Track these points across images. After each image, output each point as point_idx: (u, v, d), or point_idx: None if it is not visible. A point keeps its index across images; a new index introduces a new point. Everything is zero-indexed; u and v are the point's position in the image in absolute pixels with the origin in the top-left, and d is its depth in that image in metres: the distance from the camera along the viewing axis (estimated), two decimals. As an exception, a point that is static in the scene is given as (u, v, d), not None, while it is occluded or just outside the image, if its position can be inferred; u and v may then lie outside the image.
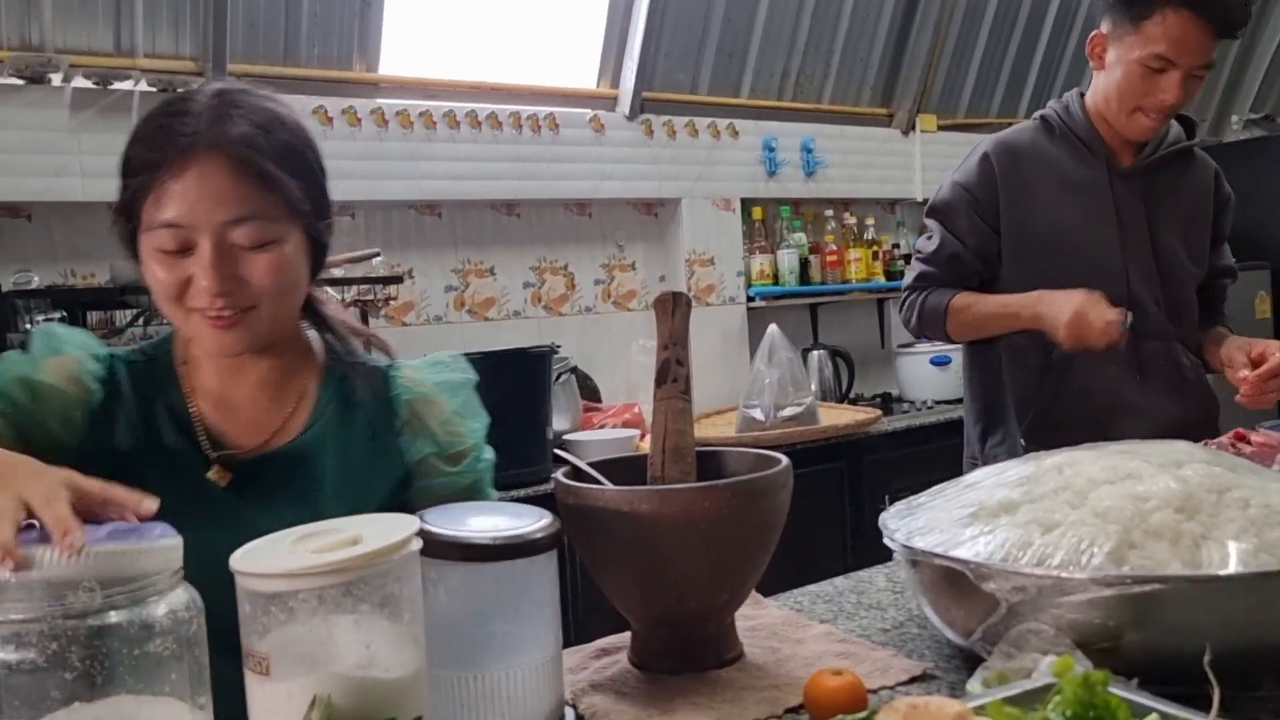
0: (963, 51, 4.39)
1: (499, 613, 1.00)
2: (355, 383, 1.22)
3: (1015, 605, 0.94)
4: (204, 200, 1.05)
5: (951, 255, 1.97)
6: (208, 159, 1.05)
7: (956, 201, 1.98)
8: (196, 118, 1.06)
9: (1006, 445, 1.97)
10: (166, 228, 1.05)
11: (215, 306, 1.07)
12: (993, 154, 1.95)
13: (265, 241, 1.08)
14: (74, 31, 2.71)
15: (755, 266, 3.88)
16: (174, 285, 1.07)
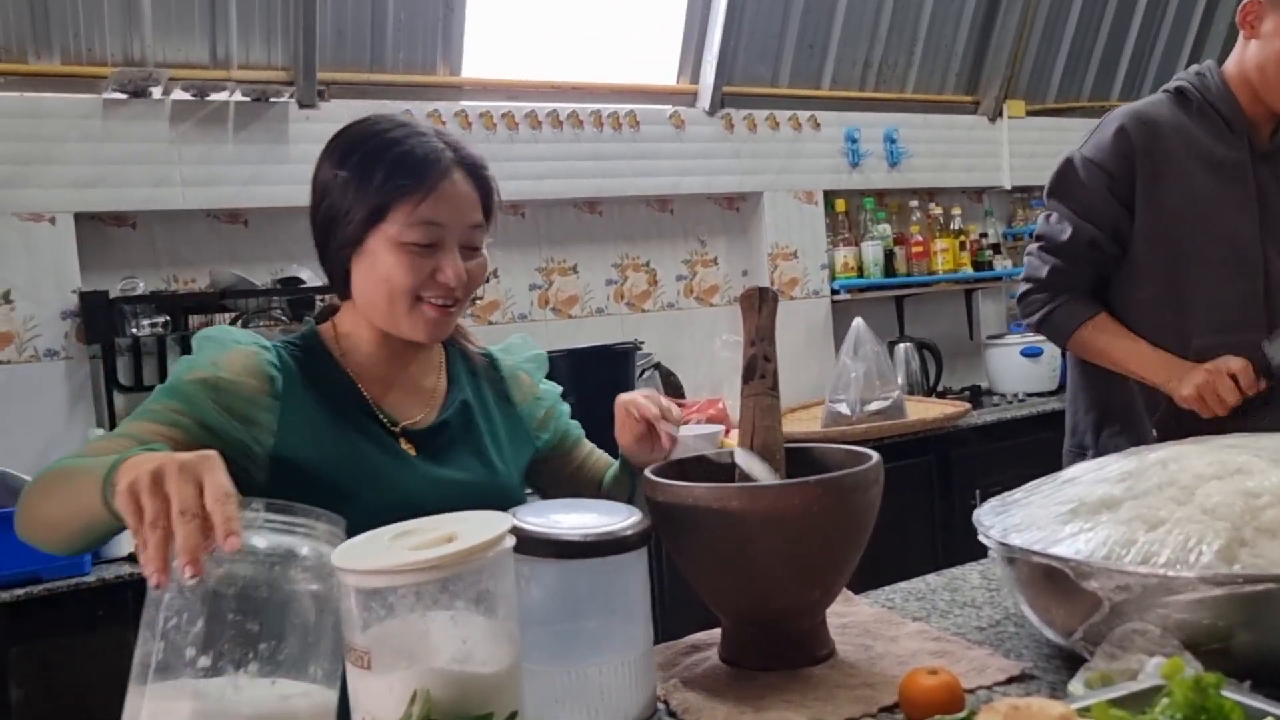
0: (1052, 33, 4.27)
1: (591, 609, 1.01)
2: (474, 364, 1.42)
3: (1119, 604, 0.92)
4: (459, 207, 1.24)
5: (1090, 242, 1.85)
6: (461, 175, 1.25)
7: (1091, 180, 1.85)
8: (439, 141, 1.25)
9: (1127, 435, 1.88)
10: (427, 224, 1.21)
11: (451, 295, 1.24)
12: (1129, 127, 1.82)
13: (479, 246, 1.29)
14: (172, 45, 2.81)
15: (839, 259, 3.84)
16: (417, 277, 1.22)
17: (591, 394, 2.74)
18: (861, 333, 3.18)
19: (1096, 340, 1.86)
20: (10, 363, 2.58)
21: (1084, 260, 1.86)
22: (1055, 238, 1.89)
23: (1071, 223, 1.86)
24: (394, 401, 1.31)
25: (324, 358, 1.29)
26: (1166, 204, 1.81)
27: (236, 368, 1.20)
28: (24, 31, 2.63)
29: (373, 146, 1.24)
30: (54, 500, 1.05)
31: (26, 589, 2.09)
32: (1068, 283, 1.89)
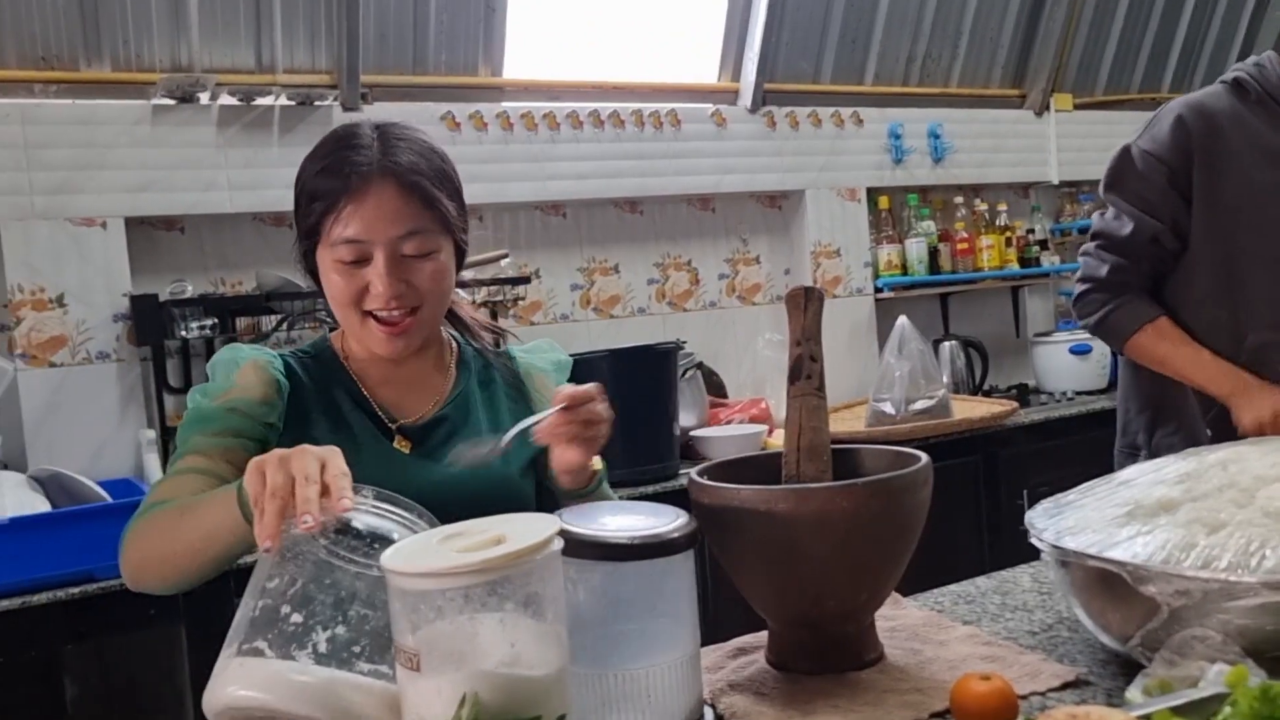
0: (1100, 24, 4.20)
1: (637, 611, 1.00)
2: (487, 362, 1.43)
3: (1178, 610, 0.90)
4: (380, 219, 1.23)
5: (1152, 238, 1.80)
6: (382, 183, 1.23)
7: (1150, 173, 1.80)
8: (369, 149, 1.25)
9: (1182, 435, 1.85)
10: (348, 243, 1.23)
11: (389, 308, 1.25)
12: (1188, 118, 1.78)
13: (428, 252, 1.27)
14: (219, 51, 2.84)
15: (883, 257, 3.81)
16: (352, 292, 1.25)
17: (633, 395, 2.75)
18: (906, 331, 3.15)
19: (1157, 347, 1.82)
20: (64, 365, 2.63)
21: (1145, 257, 1.82)
22: (1115, 234, 1.84)
23: (1133, 218, 1.81)
24: (396, 400, 1.35)
25: (331, 362, 1.35)
26: (1223, 198, 1.77)
27: (249, 380, 1.27)
28: (75, 40, 2.67)
29: (306, 169, 1.28)
30: (174, 536, 1.12)
31: (81, 587, 2.12)
32: (1128, 281, 1.84)
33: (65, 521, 2.16)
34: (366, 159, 1.23)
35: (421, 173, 1.26)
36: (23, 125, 2.60)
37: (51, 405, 2.60)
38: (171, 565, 1.14)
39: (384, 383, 1.35)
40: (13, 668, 2.08)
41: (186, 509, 1.13)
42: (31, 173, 2.60)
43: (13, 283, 2.58)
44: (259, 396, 1.26)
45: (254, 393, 1.26)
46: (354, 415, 1.32)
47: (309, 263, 1.31)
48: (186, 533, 1.11)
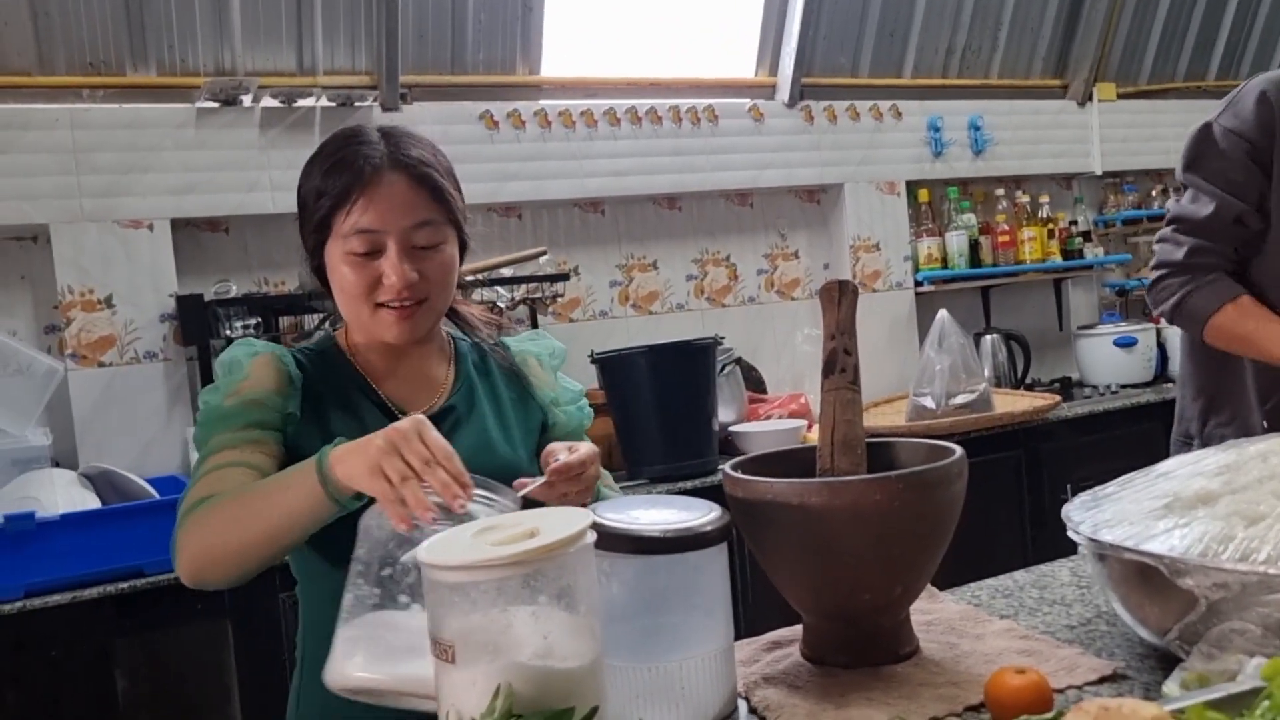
0: (1144, 12, 4.13)
1: (671, 605, 1.01)
2: (483, 353, 1.46)
3: (1216, 603, 0.88)
4: (393, 210, 1.25)
5: (1236, 219, 1.73)
6: (393, 175, 1.26)
7: (1233, 151, 1.73)
8: (377, 144, 1.27)
9: (1235, 426, 1.79)
10: (361, 233, 1.25)
11: (401, 297, 1.26)
12: (1272, 94, 1.71)
13: (436, 243, 1.29)
14: (261, 54, 2.89)
15: (923, 250, 3.78)
16: (365, 283, 1.26)
17: (672, 391, 2.76)
18: (946, 325, 3.12)
19: (1242, 324, 1.73)
20: (112, 365, 2.69)
21: (1228, 238, 1.75)
22: (1194, 216, 1.77)
23: (1215, 198, 1.75)
24: (402, 393, 1.36)
25: (336, 358, 1.37)
26: None
27: (262, 373, 1.28)
28: (121, 45, 2.73)
29: (314, 165, 1.30)
30: (245, 525, 1.14)
31: (130, 582, 2.17)
32: (1209, 263, 1.77)
33: (115, 518, 2.21)
34: (377, 153, 1.26)
35: (431, 165, 1.29)
36: (72, 130, 2.66)
37: (101, 404, 2.66)
38: (242, 554, 1.15)
39: (389, 376, 1.37)
40: (65, 660, 2.13)
41: (254, 497, 1.15)
42: (80, 176, 2.66)
43: (63, 284, 2.64)
44: (273, 388, 1.27)
45: (268, 384, 1.27)
46: (365, 408, 1.33)
47: (316, 260, 1.32)
48: (261, 519, 1.13)
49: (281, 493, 1.13)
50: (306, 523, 1.12)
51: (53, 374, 2.55)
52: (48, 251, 2.65)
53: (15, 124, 2.61)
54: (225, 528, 1.15)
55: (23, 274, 2.72)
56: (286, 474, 1.15)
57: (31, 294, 2.73)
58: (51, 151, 2.64)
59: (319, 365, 1.35)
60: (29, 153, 2.62)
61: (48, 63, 2.67)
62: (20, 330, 2.71)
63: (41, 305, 2.73)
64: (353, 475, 1.06)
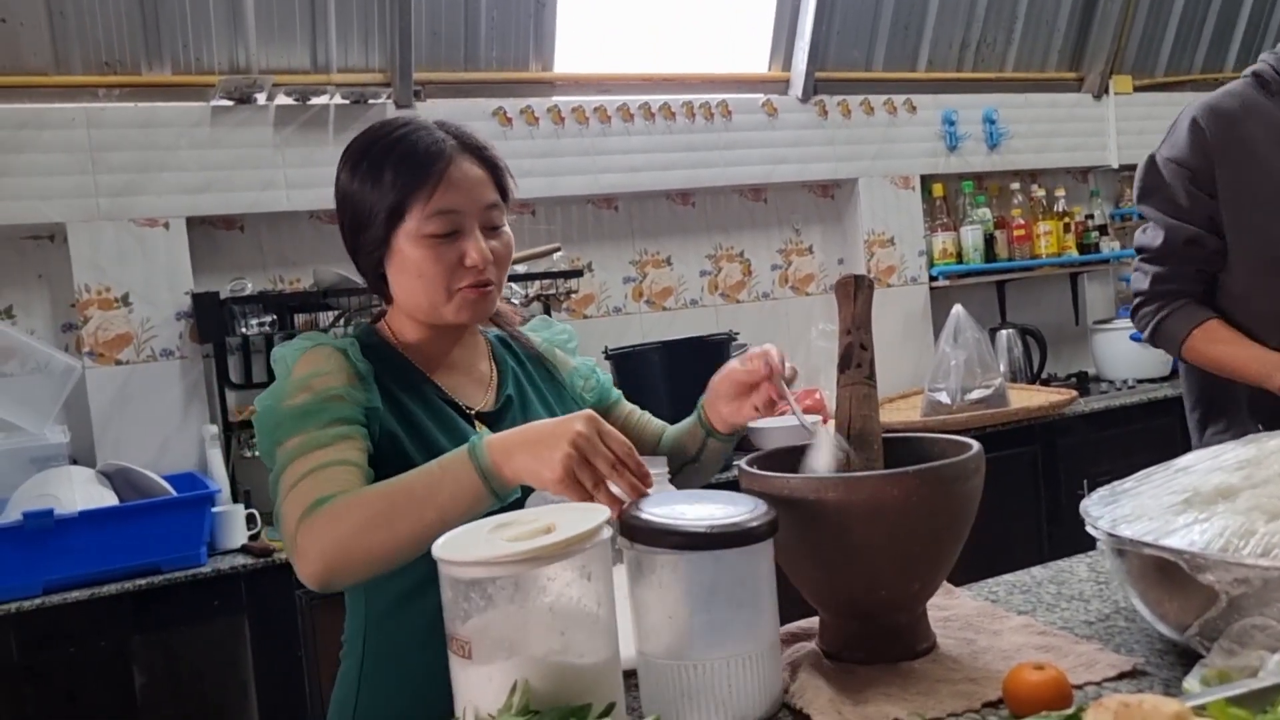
0: (1160, 4, 4.10)
1: (718, 602, 1.00)
2: (515, 344, 1.47)
3: (1237, 598, 0.88)
4: (472, 190, 1.28)
5: (1187, 240, 1.79)
6: (466, 160, 1.28)
7: (1171, 178, 1.81)
8: (438, 131, 1.29)
9: (1232, 434, 1.80)
10: (443, 214, 1.25)
11: (482, 277, 1.28)
12: (1202, 119, 1.78)
13: (501, 225, 1.32)
14: (275, 53, 2.89)
15: (937, 245, 3.76)
16: (446, 265, 1.26)
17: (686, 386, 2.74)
18: (961, 320, 3.11)
19: (1210, 349, 1.80)
20: (130, 363, 2.70)
21: (1185, 261, 1.81)
22: (1151, 245, 1.84)
23: (1163, 225, 1.81)
24: (457, 387, 1.36)
25: (388, 350, 1.34)
26: (1250, 192, 1.75)
27: (332, 366, 1.24)
28: (137, 44, 2.74)
29: (379, 150, 1.28)
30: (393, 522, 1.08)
31: (148, 579, 2.19)
32: (1172, 289, 1.83)
33: (132, 515, 2.23)
34: (446, 138, 1.28)
35: (493, 150, 1.33)
36: (88, 129, 2.67)
37: (118, 402, 2.67)
38: (390, 554, 1.09)
39: (439, 369, 1.35)
40: (84, 657, 2.14)
41: (398, 494, 1.09)
42: (96, 175, 2.68)
43: (80, 283, 2.66)
44: (347, 381, 1.23)
45: (340, 378, 1.23)
46: (436, 403, 1.32)
47: (378, 254, 1.28)
48: (411, 519, 1.08)
49: (433, 490, 1.09)
50: (464, 519, 1.07)
51: (70, 372, 2.56)
52: (64, 250, 2.67)
53: (32, 123, 2.62)
54: (367, 528, 1.09)
55: (40, 273, 2.74)
56: (431, 471, 1.10)
57: (49, 292, 2.75)
58: (68, 151, 2.65)
59: (375, 358, 1.31)
60: (45, 152, 2.63)
61: (64, 62, 2.69)
62: (38, 328, 2.73)
63: (59, 304, 2.75)
64: (533, 476, 1.06)
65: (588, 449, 1.04)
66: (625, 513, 1.01)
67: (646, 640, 1.00)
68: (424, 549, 1.07)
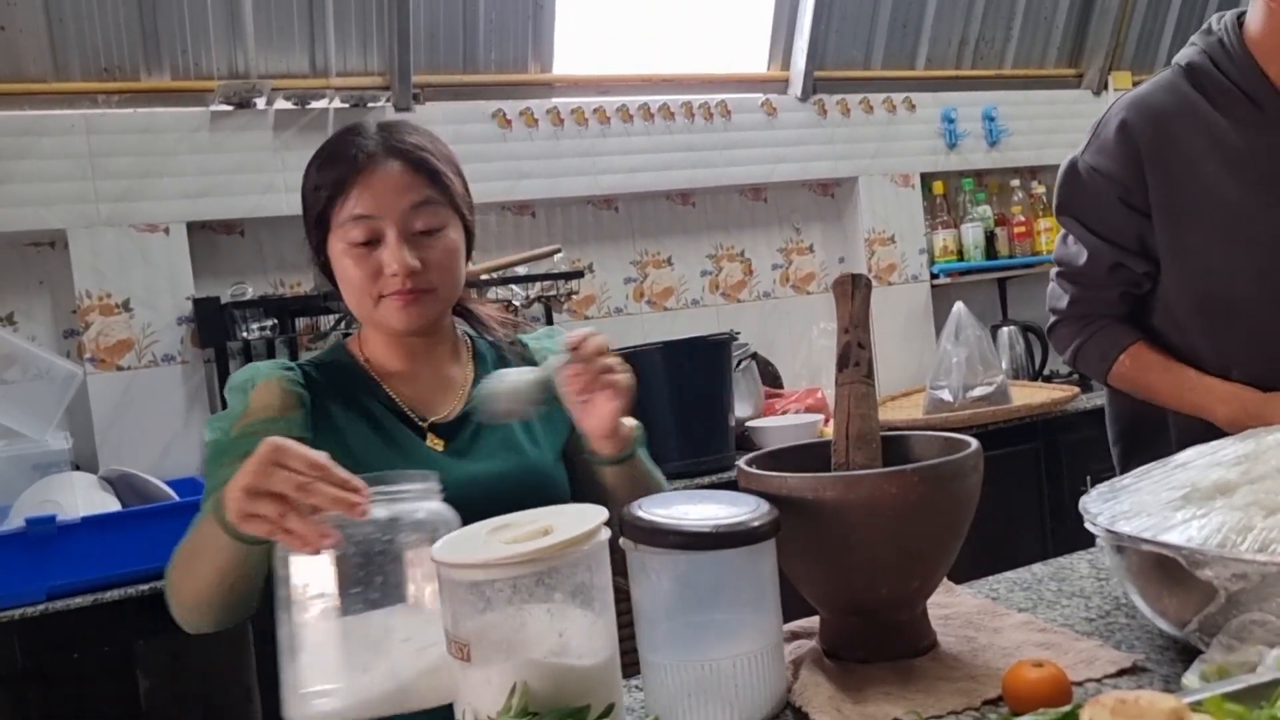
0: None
1: (722, 601, 1.00)
2: (501, 353, 1.42)
3: (1235, 594, 0.88)
4: (388, 193, 1.24)
5: (1113, 265, 1.59)
6: (388, 162, 1.25)
7: (1102, 193, 1.58)
8: (372, 136, 1.27)
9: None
10: (358, 220, 1.23)
11: (404, 286, 1.23)
12: (1132, 121, 1.55)
13: (438, 227, 1.27)
14: (274, 57, 2.90)
15: (938, 243, 3.76)
16: (366, 276, 1.24)
17: (688, 387, 2.75)
18: (963, 317, 3.10)
19: (1142, 377, 1.61)
20: (131, 368, 2.71)
21: (1108, 284, 1.62)
22: (1073, 262, 1.64)
23: (1088, 244, 1.61)
24: (421, 397, 1.33)
25: (350, 367, 1.34)
26: (1186, 212, 1.53)
27: (264, 400, 1.24)
28: (135, 50, 2.74)
29: (312, 164, 1.29)
30: (192, 575, 1.11)
31: (151, 584, 2.18)
32: (1094, 312, 1.65)
33: (135, 520, 2.23)
34: (371, 142, 1.26)
35: (427, 150, 1.28)
36: (87, 135, 2.68)
37: (120, 407, 2.68)
38: (205, 603, 1.13)
39: (404, 379, 1.34)
40: (88, 663, 2.15)
41: (190, 543, 1.11)
42: (96, 181, 2.68)
43: (80, 289, 2.66)
44: (277, 413, 1.23)
45: (271, 411, 1.23)
46: (386, 418, 1.30)
47: (321, 258, 1.31)
48: (202, 570, 1.09)
49: (204, 540, 1.07)
50: (240, 567, 1.06)
51: (72, 378, 2.56)
52: (65, 256, 2.67)
53: (32, 130, 2.63)
54: (186, 581, 1.12)
55: (41, 279, 2.75)
56: (201, 518, 1.10)
57: (50, 299, 2.75)
58: (67, 157, 2.66)
59: (329, 376, 1.31)
60: (45, 159, 2.64)
61: (63, 69, 2.69)
62: (39, 335, 2.73)
63: (60, 310, 2.76)
64: (237, 524, 0.96)
65: (258, 479, 0.93)
66: (628, 513, 1.00)
67: (650, 641, 1.00)
68: (243, 594, 1.12)
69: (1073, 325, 1.67)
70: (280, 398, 1.25)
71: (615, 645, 0.94)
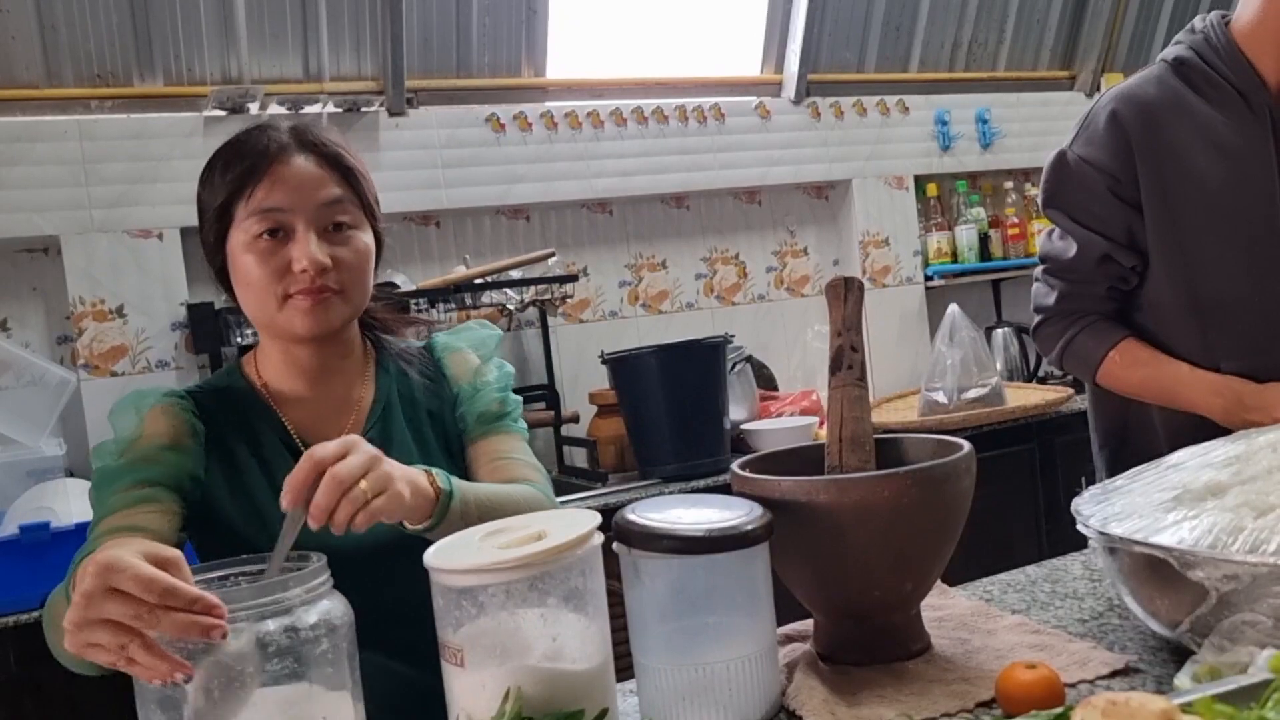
0: (1151, 1, 4.11)
1: (716, 605, 1.00)
2: (404, 367, 1.34)
3: (1226, 595, 0.88)
4: (301, 187, 1.18)
5: (1102, 258, 1.57)
6: (302, 155, 1.20)
7: (1091, 184, 1.57)
8: (284, 130, 1.22)
9: None
10: (266, 213, 1.16)
11: (313, 284, 1.16)
12: (1123, 113, 1.54)
13: (351, 226, 1.21)
14: (268, 62, 2.90)
15: (932, 245, 3.77)
16: (270, 274, 1.16)
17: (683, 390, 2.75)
18: (957, 319, 3.11)
19: (1133, 372, 1.58)
20: (125, 374, 2.70)
21: (1098, 278, 1.60)
22: (1061, 256, 1.62)
23: (1077, 237, 1.59)
24: (316, 423, 1.26)
25: (244, 394, 1.26)
26: (1175, 204, 1.53)
27: (156, 427, 1.18)
28: (129, 55, 2.74)
29: (215, 156, 1.23)
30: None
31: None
32: (1083, 307, 1.63)
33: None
34: (285, 135, 1.21)
35: (342, 147, 1.24)
36: (80, 141, 2.67)
37: (115, 413, 2.67)
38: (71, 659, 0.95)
39: (299, 403, 1.26)
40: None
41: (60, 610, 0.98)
42: (90, 187, 2.68)
43: (74, 295, 2.66)
44: (168, 442, 1.17)
45: (162, 438, 1.17)
46: (270, 444, 1.23)
47: (219, 260, 1.22)
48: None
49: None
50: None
51: (65, 384, 2.56)
52: (59, 263, 2.67)
53: (24, 136, 2.63)
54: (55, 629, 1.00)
55: (34, 285, 2.74)
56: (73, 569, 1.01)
57: (43, 305, 2.75)
58: (61, 163, 2.65)
59: (222, 403, 1.24)
60: (39, 165, 2.63)
61: (55, 75, 2.69)
62: (33, 341, 2.73)
63: (53, 316, 2.75)
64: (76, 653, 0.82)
65: (91, 609, 0.79)
66: (621, 517, 1.01)
67: (644, 645, 1.00)
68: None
69: (1060, 322, 1.65)
70: (173, 426, 1.19)
71: (609, 649, 0.95)
